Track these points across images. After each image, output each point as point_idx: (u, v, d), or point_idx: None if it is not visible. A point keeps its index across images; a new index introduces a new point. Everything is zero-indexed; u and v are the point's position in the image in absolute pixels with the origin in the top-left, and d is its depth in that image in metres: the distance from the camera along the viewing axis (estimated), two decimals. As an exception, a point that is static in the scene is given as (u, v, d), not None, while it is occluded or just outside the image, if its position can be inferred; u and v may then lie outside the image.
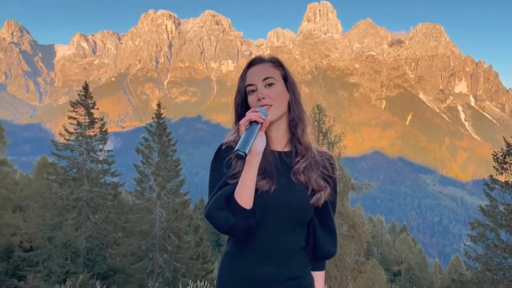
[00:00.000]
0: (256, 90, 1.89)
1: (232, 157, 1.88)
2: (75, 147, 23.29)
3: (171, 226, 21.27)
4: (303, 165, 1.89)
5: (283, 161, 1.91)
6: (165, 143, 22.27)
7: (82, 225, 22.23)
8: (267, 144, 1.89)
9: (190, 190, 26.62)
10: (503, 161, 17.36)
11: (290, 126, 1.94)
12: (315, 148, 1.97)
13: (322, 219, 1.99)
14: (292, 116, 1.93)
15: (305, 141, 1.93)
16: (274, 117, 1.86)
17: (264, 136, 1.76)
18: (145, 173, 22.22)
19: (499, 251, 16.68)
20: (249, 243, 1.88)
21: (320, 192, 1.88)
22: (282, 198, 1.84)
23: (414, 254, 47.18)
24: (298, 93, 1.95)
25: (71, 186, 22.59)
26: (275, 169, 1.87)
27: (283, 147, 1.96)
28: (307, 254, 1.98)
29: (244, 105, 1.99)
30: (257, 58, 2.00)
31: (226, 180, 1.87)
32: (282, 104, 1.89)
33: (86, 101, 23.31)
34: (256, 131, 1.65)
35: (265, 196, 1.83)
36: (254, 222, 1.82)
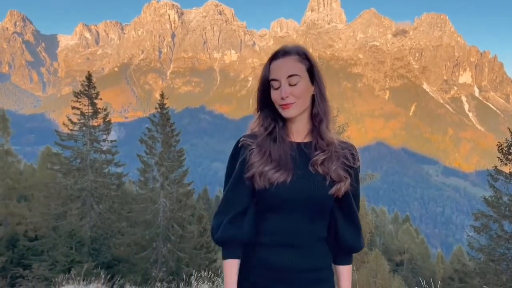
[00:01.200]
0: (280, 87, 1.84)
1: (247, 152, 1.90)
2: (79, 137, 23.34)
3: (174, 216, 21.37)
4: (322, 157, 1.87)
5: (302, 152, 1.90)
6: (169, 133, 22.28)
7: (87, 215, 22.38)
8: (287, 135, 1.91)
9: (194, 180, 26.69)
10: (507, 152, 17.28)
11: (312, 119, 1.92)
12: (337, 140, 1.94)
13: (344, 211, 1.96)
14: (316, 111, 1.90)
15: (328, 137, 1.91)
16: (295, 113, 1.85)
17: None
18: (148, 163, 22.28)
19: (503, 241, 16.69)
20: (268, 233, 1.89)
21: (340, 183, 1.85)
22: (299, 189, 1.83)
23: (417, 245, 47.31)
24: (324, 87, 1.91)
25: (75, 176, 22.69)
26: (292, 159, 1.87)
27: (303, 138, 1.94)
28: (330, 246, 1.97)
29: (266, 95, 1.96)
30: (282, 50, 1.92)
31: (240, 176, 1.89)
32: (305, 100, 1.87)
33: (89, 91, 23.31)
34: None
35: (281, 187, 1.82)
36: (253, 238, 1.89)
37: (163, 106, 22.63)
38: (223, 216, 1.91)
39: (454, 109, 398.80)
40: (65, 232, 20.53)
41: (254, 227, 1.88)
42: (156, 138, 22.28)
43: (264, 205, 1.87)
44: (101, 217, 22.51)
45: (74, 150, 23.03)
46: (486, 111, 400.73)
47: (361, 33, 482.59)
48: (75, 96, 23.25)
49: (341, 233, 1.94)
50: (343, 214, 1.95)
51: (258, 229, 1.90)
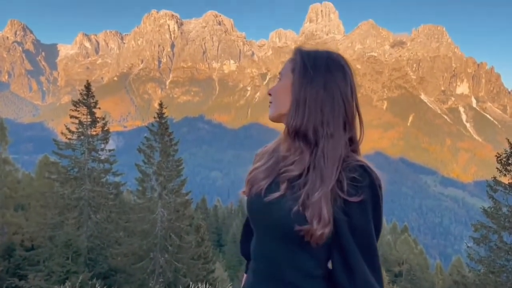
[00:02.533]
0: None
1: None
2: (77, 146, 23.26)
3: (172, 226, 21.22)
4: (292, 173, 1.55)
5: (278, 164, 1.64)
6: (167, 142, 22.23)
7: (83, 225, 22.20)
8: (280, 143, 1.72)
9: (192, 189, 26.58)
10: (506, 163, 17.26)
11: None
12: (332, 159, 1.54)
13: (338, 250, 1.52)
14: (286, 119, 1.62)
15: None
16: (271, 114, 1.66)
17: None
18: (146, 172, 22.18)
19: (502, 253, 16.59)
20: (252, 256, 1.71)
21: (312, 226, 1.44)
22: (258, 205, 1.61)
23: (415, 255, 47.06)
24: (304, 91, 1.60)
25: (73, 185, 22.56)
26: (265, 171, 1.66)
27: (284, 150, 1.66)
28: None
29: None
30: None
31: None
32: (281, 101, 1.63)
33: (88, 100, 23.28)
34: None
35: (247, 200, 1.67)
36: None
37: (162, 115, 22.61)
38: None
39: (451, 119, 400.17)
40: (62, 242, 20.34)
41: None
42: (155, 148, 22.22)
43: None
44: (98, 227, 22.34)
45: (72, 159, 22.92)
46: (483, 122, 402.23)
47: (359, 44, 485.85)
48: (74, 105, 23.21)
49: (334, 273, 1.53)
50: (338, 252, 1.52)
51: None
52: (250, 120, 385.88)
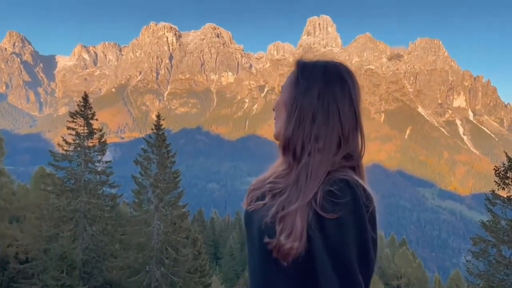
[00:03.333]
0: None
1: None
2: (74, 157, 23.13)
3: (168, 239, 21.01)
4: (277, 185, 1.48)
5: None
6: (164, 154, 22.14)
7: (79, 237, 21.96)
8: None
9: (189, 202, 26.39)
10: (504, 176, 17.23)
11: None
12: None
13: (313, 271, 1.36)
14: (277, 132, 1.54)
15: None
16: (274, 133, 1.56)
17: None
18: (143, 184, 22.05)
19: (502, 267, 16.45)
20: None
21: (277, 239, 1.35)
22: (245, 216, 1.56)
23: (414, 269, 46.74)
24: (293, 105, 1.50)
25: (69, 197, 22.37)
26: (260, 183, 1.59)
27: (278, 164, 1.59)
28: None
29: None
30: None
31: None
32: (280, 117, 1.54)
33: (86, 112, 23.23)
34: None
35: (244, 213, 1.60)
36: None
37: (159, 127, 22.55)
38: None
39: (449, 132, 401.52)
40: (56, 254, 20.09)
41: None
42: (152, 159, 22.12)
43: None
44: (94, 239, 22.10)
45: (68, 171, 22.77)
46: (480, 135, 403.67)
47: (356, 57, 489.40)
48: (71, 117, 23.16)
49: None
50: (311, 275, 1.37)
51: None
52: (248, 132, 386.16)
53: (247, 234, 1.53)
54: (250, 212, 1.49)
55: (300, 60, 1.55)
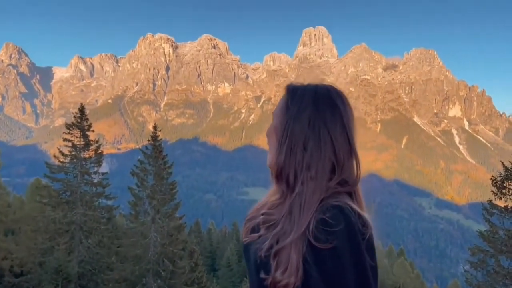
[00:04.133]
0: None
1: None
2: (70, 169, 22.99)
3: (165, 251, 20.83)
4: (271, 217, 1.43)
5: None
6: (161, 165, 22.05)
7: (75, 250, 21.73)
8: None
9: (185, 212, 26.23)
10: (501, 186, 17.25)
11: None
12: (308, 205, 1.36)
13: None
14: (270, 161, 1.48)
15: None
16: (268, 161, 1.48)
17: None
18: (140, 196, 21.91)
19: (500, 277, 16.38)
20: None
21: (272, 275, 1.31)
22: (243, 248, 1.52)
23: (412, 279, 46.49)
24: (284, 135, 1.42)
25: (64, 209, 22.19)
26: (256, 211, 1.55)
27: (272, 193, 1.55)
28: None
29: None
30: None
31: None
32: (271, 144, 1.48)
33: (82, 123, 23.16)
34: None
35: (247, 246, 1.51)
36: None
37: (156, 138, 22.50)
38: None
39: (445, 141, 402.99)
40: (52, 268, 19.87)
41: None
42: (148, 171, 22.02)
43: None
44: (90, 252, 21.87)
45: (64, 183, 22.62)
46: (476, 144, 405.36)
47: (352, 67, 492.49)
48: (67, 128, 23.07)
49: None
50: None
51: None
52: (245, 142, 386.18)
53: (246, 265, 1.49)
54: (246, 244, 1.45)
55: (290, 85, 1.49)
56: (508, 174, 17.19)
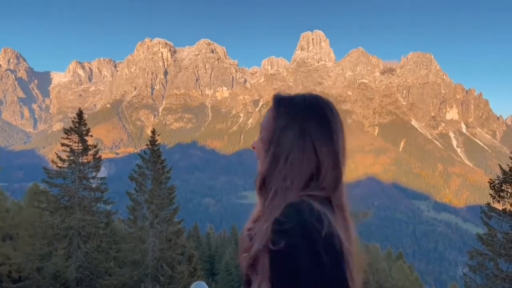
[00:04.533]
0: None
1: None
2: (68, 174, 22.95)
3: (164, 255, 20.78)
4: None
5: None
6: (159, 170, 22.03)
7: (73, 255, 21.66)
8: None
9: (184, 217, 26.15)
10: (499, 189, 17.29)
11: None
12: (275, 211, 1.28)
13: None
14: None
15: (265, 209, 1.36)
16: (256, 174, 1.39)
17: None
18: (138, 201, 21.87)
19: (499, 281, 16.39)
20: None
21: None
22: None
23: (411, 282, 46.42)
24: (271, 144, 1.34)
25: (63, 215, 22.12)
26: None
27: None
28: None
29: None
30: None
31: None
32: (260, 158, 1.42)
33: (80, 128, 23.13)
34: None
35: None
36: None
37: (154, 142, 22.49)
38: None
39: (442, 144, 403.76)
40: (50, 273, 19.79)
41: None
42: (147, 175, 22.00)
43: None
44: (88, 257, 21.79)
45: (62, 188, 22.57)
46: (473, 147, 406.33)
47: (349, 71, 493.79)
48: (65, 133, 23.04)
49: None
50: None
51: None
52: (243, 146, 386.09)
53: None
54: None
55: (277, 95, 1.43)
56: (506, 177, 17.24)
